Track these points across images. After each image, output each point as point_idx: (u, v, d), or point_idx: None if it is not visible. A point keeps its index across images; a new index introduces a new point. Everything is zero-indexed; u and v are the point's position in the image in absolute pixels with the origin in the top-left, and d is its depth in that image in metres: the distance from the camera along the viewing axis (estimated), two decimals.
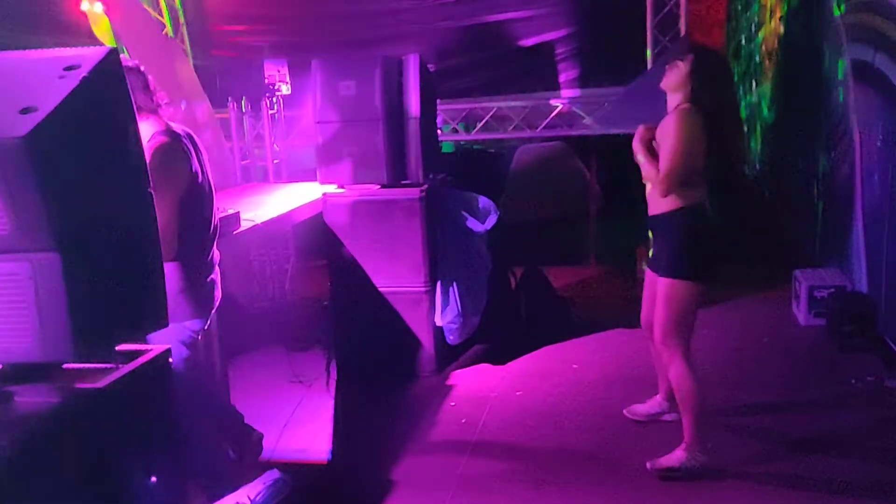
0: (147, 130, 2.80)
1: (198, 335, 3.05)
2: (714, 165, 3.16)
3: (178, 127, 2.95)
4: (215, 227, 3.12)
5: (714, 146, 3.12)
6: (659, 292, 3.28)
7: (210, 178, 3.06)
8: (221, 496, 3.03)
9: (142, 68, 2.87)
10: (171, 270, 2.81)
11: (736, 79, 10.08)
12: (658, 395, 3.80)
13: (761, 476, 3.26)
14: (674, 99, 3.23)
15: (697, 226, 3.20)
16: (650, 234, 3.34)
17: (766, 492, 3.16)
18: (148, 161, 2.62)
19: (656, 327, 3.32)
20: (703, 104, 3.13)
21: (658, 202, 3.26)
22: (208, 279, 3.05)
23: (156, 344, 2.24)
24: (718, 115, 3.14)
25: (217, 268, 3.13)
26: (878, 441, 3.52)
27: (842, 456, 3.40)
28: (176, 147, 2.84)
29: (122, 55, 2.76)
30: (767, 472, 3.30)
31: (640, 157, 3.24)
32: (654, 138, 3.23)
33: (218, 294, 3.12)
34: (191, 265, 2.95)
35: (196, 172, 2.93)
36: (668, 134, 3.12)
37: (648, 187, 3.32)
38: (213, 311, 3.12)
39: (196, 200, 2.94)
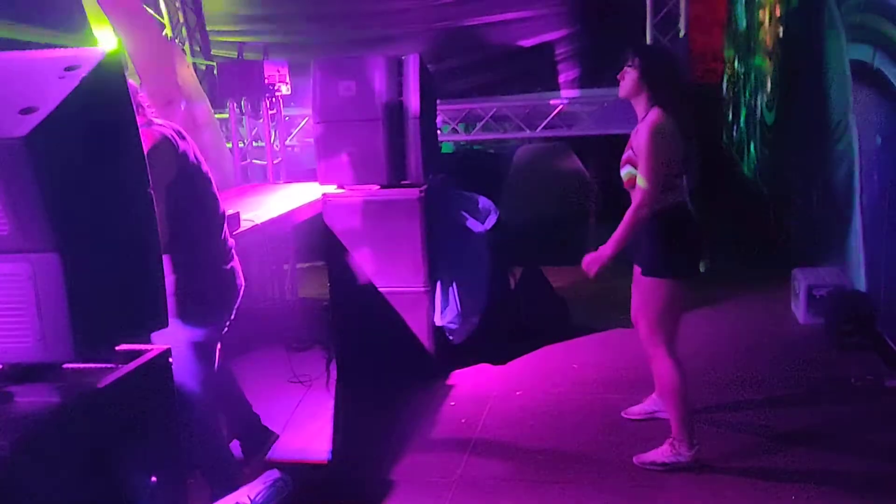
0: None
1: (224, 325, 3.09)
2: (693, 161, 3.25)
3: (161, 121, 2.92)
4: (223, 214, 3.11)
5: (689, 144, 3.21)
6: (642, 291, 3.33)
7: (206, 167, 3.03)
8: (225, 494, 3.03)
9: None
10: (184, 265, 2.87)
11: (736, 78, 10.09)
12: (653, 393, 3.81)
13: (761, 473, 3.27)
14: (638, 105, 3.28)
15: (676, 225, 3.24)
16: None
17: (765, 489, 3.16)
18: None
19: (641, 325, 3.38)
20: (665, 102, 3.19)
21: None
22: (227, 267, 3.06)
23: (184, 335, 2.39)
24: (681, 107, 3.21)
25: (235, 255, 3.14)
26: (877, 439, 3.52)
27: (841, 454, 3.40)
28: (158, 142, 2.79)
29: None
30: (767, 469, 3.30)
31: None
32: (631, 148, 3.27)
33: (240, 281, 3.13)
34: (201, 258, 2.96)
35: (185, 158, 2.88)
36: (641, 153, 3.17)
37: (632, 192, 3.35)
38: (239, 299, 3.13)
39: (188, 187, 2.89)
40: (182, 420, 2.94)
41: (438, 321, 4.53)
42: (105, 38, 5.34)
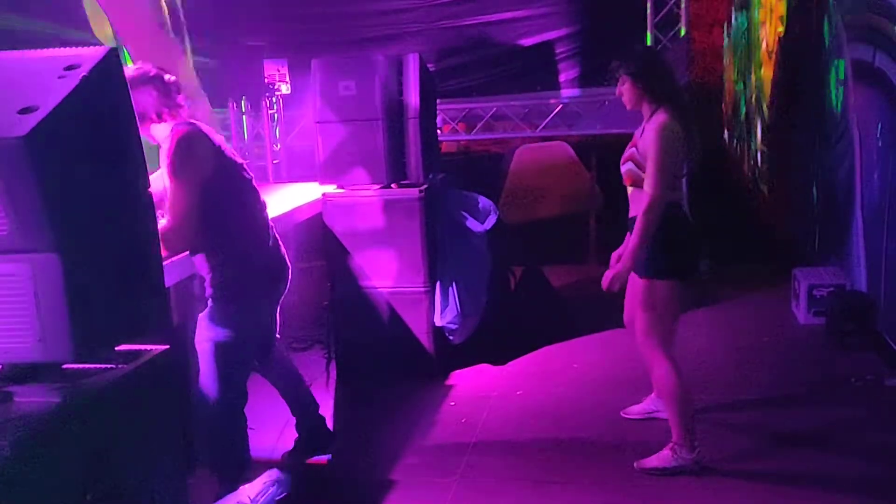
0: (166, 129, 2.88)
1: (275, 307, 3.24)
2: (694, 157, 3.27)
3: (198, 122, 3.01)
4: (264, 204, 3.22)
5: (691, 139, 3.22)
6: (638, 292, 3.31)
7: (240, 160, 3.14)
8: (230, 491, 3.04)
9: (166, 77, 2.93)
10: (237, 248, 3.00)
11: (736, 78, 10.09)
12: (653, 393, 3.81)
13: (761, 474, 3.26)
14: (644, 109, 3.29)
15: (673, 227, 3.21)
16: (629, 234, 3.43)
17: (766, 489, 3.16)
18: (169, 152, 2.74)
19: (637, 327, 3.36)
20: (666, 99, 3.20)
21: (637, 204, 3.29)
22: (267, 262, 3.16)
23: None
24: (677, 99, 3.24)
25: (279, 246, 3.25)
26: (877, 440, 3.52)
27: (841, 454, 3.40)
28: (195, 134, 2.88)
29: (147, 64, 2.89)
30: (767, 470, 3.30)
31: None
32: (635, 146, 3.27)
33: (281, 274, 3.24)
34: (238, 255, 3.02)
35: (221, 151, 2.97)
36: (650, 155, 3.16)
37: (630, 189, 3.35)
38: (289, 276, 3.26)
39: (225, 183, 2.96)
40: (198, 415, 3.00)
41: (438, 321, 4.53)
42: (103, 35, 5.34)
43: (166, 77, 2.92)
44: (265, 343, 3.30)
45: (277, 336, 3.40)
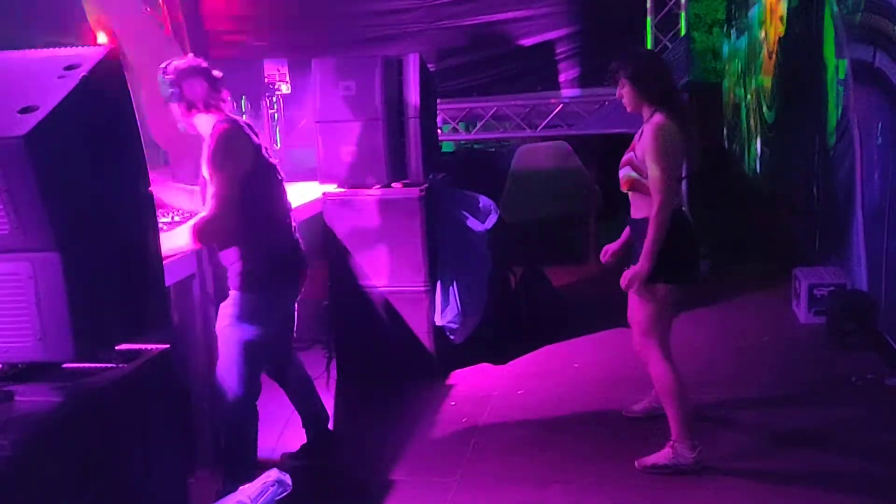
0: (209, 122, 2.98)
1: (293, 305, 3.31)
2: (694, 157, 3.30)
3: (236, 117, 3.11)
4: (290, 206, 3.30)
5: (690, 140, 3.24)
6: (636, 294, 3.32)
7: (275, 161, 3.22)
8: (230, 491, 3.04)
9: (214, 72, 3.05)
10: (259, 245, 3.06)
11: (736, 78, 10.10)
12: (653, 391, 3.81)
13: (761, 473, 3.26)
14: (644, 111, 3.30)
15: (673, 228, 3.21)
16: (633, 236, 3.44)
17: (766, 489, 3.16)
18: (211, 147, 2.83)
19: (634, 327, 3.39)
20: (664, 101, 3.22)
21: (638, 207, 3.31)
22: (291, 262, 3.22)
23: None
24: (675, 101, 3.25)
25: (300, 248, 3.30)
26: (878, 439, 3.51)
27: (842, 454, 3.40)
28: (236, 131, 2.97)
29: (199, 58, 3.02)
30: (767, 469, 3.30)
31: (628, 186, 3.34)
32: (633, 151, 3.27)
33: (306, 264, 3.31)
34: (267, 251, 3.08)
35: (259, 150, 3.05)
36: (649, 155, 3.17)
37: (630, 193, 3.36)
38: (307, 275, 3.31)
39: (261, 179, 3.04)
40: (215, 411, 3.02)
41: (439, 321, 4.53)
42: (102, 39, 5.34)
43: (214, 72, 3.05)
44: (286, 341, 3.36)
45: (294, 335, 3.42)
